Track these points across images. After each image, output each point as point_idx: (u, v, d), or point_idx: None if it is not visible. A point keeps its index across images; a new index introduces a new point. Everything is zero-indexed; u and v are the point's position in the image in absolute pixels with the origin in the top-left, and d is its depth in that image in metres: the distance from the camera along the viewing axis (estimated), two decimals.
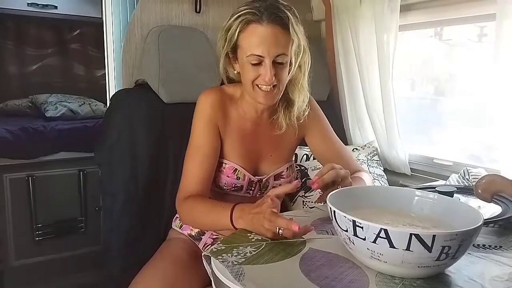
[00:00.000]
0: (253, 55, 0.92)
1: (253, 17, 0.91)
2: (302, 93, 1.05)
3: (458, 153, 1.52)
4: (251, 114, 1.07)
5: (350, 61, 1.63)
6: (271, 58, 0.92)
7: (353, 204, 0.73)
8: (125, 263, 1.21)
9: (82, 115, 2.41)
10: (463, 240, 0.59)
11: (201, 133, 1.02)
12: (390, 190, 0.82)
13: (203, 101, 1.03)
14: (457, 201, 0.77)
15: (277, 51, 0.92)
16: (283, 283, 0.63)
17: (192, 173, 1.00)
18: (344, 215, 0.63)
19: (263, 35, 0.91)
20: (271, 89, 0.96)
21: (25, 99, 2.57)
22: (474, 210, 0.69)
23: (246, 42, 0.93)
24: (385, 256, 0.61)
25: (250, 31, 0.93)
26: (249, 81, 0.96)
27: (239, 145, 1.06)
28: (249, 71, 0.95)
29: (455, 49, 1.70)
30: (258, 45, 0.91)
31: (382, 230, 0.58)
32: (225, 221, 0.85)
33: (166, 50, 1.30)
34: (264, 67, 0.93)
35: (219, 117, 1.03)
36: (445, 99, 1.73)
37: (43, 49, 2.82)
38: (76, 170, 2.19)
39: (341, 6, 1.61)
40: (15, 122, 2.17)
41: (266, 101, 0.99)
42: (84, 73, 2.97)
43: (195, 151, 1.02)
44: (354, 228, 0.62)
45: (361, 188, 0.85)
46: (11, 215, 2.04)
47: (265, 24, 0.91)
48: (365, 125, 1.67)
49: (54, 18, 2.58)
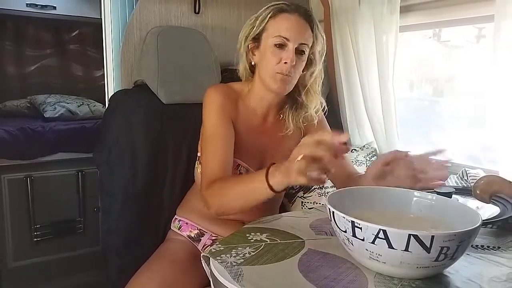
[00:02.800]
0: (280, 36, 0.98)
1: (286, 7, 1.00)
2: (316, 99, 1.09)
3: (456, 154, 1.52)
4: (259, 110, 1.09)
5: (349, 62, 1.63)
6: (295, 44, 0.98)
7: (352, 205, 0.73)
8: (124, 264, 1.21)
9: (80, 116, 2.41)
10: (462, 241, 0.59)
11: (215, 120, 1.01)
12: (389, 191, 0.82)
13: (213, 92, 1.04)
14: (456, 202, 0.77)
15: (302, 39, 0.99)
16: (282, 284, 0.63)
17: (213, 162, 0.97)
18: (343, 216, 0.63)
19: (293, 22, 0.99)
20: (286, 77, 0.99)
21: (24, 99, 2.57)
22: (473, 210, 0.69)
23: (275, 27, 0.99)
24: (384, 256, 0.61)
25: (282, 17, 1.00)
26: (270, 66, 0.99)
27: (244, 141, 1.06)
28: (272, 55, 0.99)
29: (454, 50, 1.71)
30: (287, 29, 0.98)
31: (380, 231, 0.58)
32: (260, 184, 0.81)
33: (165, 50, 1.30)
34: (287, 51, 0.98)
35: (230, 108, 1.04)
36: (443, 100, 1.73)
37: (42, 49, 2.82)
38: (75, 171, 2.19)
39: (340, 7, 1.61)
40: (14, 123, 2.17)
41: (281, 88, 1.01)
42: (82, 74, 2.97)
43: (212, 138, 1.00)
44: (353, 228, 0.62)
45: (359, 189, 0.84)
46: (9, 215, 2.03)
47: (296, 15, 0.99)
48: (364, 126, 1.67)
49: (53, 19, 2.58)
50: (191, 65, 1.35)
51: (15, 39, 2.72)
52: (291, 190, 1.43)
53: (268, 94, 1.06)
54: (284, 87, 1.01)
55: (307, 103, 1.08)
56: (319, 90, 1.09)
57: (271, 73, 1.00)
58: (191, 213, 1.14)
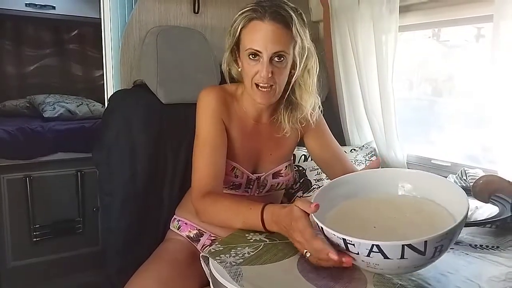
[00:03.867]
0: (251, 49, 0.93)
1: (256, 14, 0.93)
2: (312, 98, 1.05)
3: (456, 154, 1.52)
4: (252, 112, 1.07)
5: (349, 61, 1.63)
6: (269, 55, 0.93)
7: (337, 197, 0.73)
8: (123, 263, 1.21)
9: (80, 116, 2.41)
10: (453, 234, 0.59)
11: (207, 126, 1.00)
12: (371, 174, 0.80)
13: (206, 96, 1.03)
14: (438, 178, 0.75)
15: (275, 48, 0.93)
16: (281, 283, 0.64)
17: (204, 169, 0.97)
18: (333, 233, 0.61)
19: (262, 31, 0.92)
20: (267, 90, 0.96)
21: (23, 99, 2.57)
22: (458, 188, 0.69)
23: (247, 38, 0.95)
24: (381, 265, 0.60)
25: (251, 27, 0.94)
26: (249, 78, 0.97)
27: (239, 143, 1.06)
28: (248, 66, 0.96)
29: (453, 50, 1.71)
30: (257, 41, 0.93)
31: (374, 246, 0.58)
32: (257, 223, 0.82)
33: (164, 50, 1.30)
34: (261, 63, 0.94)
35: (223, 112, 1.03)
36: (442, 100, 1.73)
37: (41, 49, 2.82)
38: (74, 171, 2.19)
39: (339, 7, 1.61)
40: (13, 123, 2.17)
41: (263, 101, 0.98)
42: (82, 74, 2.97)
43: (203, 146, 1.00)
44: (345, 245, 0.61)
45: (340, 180, 0.80)
46: (8, 216, 2.03)
47: (266, 21, 0.92)
48: (363, 125, 1.67)
49: (52, 19, 2.58)
50: (190, 65, 1.35)
51: (14, 39, 2.72)
52: (290, 189, 1.43)
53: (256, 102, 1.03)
54: (268, 99, 0.98)
55: (302, 102, 1.05)
56: (314, 87, 1.04)
57: (251, 85, 0.98)
58: (190, 213, 1.14)
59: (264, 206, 0.82)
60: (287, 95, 1.04)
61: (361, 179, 0.79)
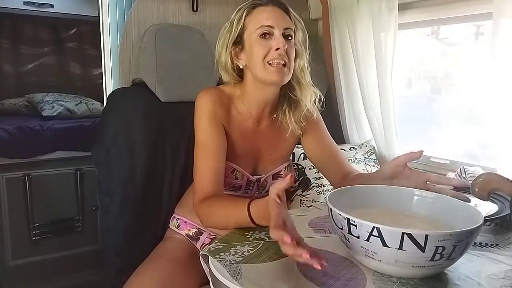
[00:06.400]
0: (263, 26, 0.96)
1: (259, 1, 0.99)
2: (309, 91, 1.05)
3: (455, 152, 1.53)
4: (252, 112, 1.06)
5: (348, 59, 1.63)
6: (281, 29, 0.96)
7: (352, 203, 0.73)
8: (122, 262, 1.21)
9: (78, 114, 2.40)
10: (458, 241, 0.58)
11: (206, 129, 1.00)
12: (390, 189, 0.81)
13: (204, 98, 1.02)
14: (457, 201, 0.76)
15: (286, 24, 0.97)
16: (281, 282, 0.64)
17: (204, 172, 0.97)
18: (339, 213, 0.63)
19: (270, 11, 0.97)
20: (281, 67, 0.96)
21: (22, 98, 2.57)
22: (475, 210, 0.69)
23: (254, 21, 0.98)
24: (379, 254, 0.61)
25: (257, 11, 0.98)
26: (259, 59, 0.96)
27: (239, 145, 1.05)
28: (260, 46, 0.96)
29: (452, 47, 1.71)
30: (267, 18, 0.96)
31: (374, 229, 0.58)
32: (248, 222, 0.81)
33: (163, 49, 1.30)
34: (274, 39, 0.96)
35: (221, 114, 1.02)
36: (441, 97, 1.73)
37: (40, 48, 2.81)
38: (73, 169, 2.18)
39: (338, 5, 1.61)
40: (12, 121, 2.16)
41: (277, 78, 0.97)
42: (80, 72, 2.97)
43: (202, 150, 0.99)
44: (348, 226, 0.62)
45: (361, 188, 0.84)
46: (7, 214, 2.03)
47: (270, 6, 0.98)
48: (362, 124, 1.67)
49: (51, 17, 2.57)
50: (189, 63, 1.35)
51: (13, 37, 2.71)
52: (289, 188, 1.43)
53: (262, 93, 1.03)
54: (282, 76, 0.97)
55: (302, 97, 1.05)
56: (310, 81, 1.05)
57: (263, 66, 0.96)
58: (189, 212, 1.14)
59: (250, 204, 0.81)
60: (286, 91, 1.05)
61: (380, 192, 0.81)
